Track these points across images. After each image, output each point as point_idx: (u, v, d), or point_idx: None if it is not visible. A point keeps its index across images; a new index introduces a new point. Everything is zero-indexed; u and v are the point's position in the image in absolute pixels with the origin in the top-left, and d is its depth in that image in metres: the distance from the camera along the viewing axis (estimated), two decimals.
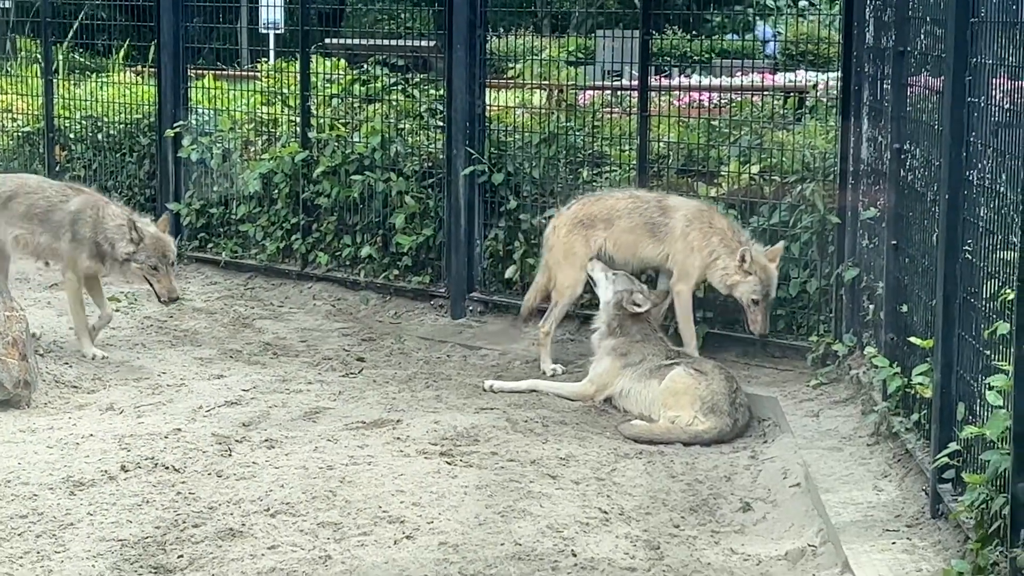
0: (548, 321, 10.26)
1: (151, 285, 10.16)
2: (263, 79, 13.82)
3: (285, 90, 13.24)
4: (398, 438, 8.46)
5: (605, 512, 7.47)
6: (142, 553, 6.70)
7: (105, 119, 14.45)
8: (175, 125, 13.44)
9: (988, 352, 5.93)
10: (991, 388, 5.65)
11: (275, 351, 10.83)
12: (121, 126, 14.30)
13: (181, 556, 6.66)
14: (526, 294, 10.69)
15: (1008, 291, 5.59)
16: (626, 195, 10.17)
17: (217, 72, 14.45)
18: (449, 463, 8.06)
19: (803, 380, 9.48)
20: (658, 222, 9.83)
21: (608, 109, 11.63)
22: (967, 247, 6.35)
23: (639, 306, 9.70)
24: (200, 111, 13.66)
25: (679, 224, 9.72)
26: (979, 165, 6.28)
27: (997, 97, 6.07)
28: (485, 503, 7.45)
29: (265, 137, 13.26)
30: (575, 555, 6.78)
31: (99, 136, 14.46)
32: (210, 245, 13.46)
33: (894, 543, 6.40)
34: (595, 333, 9.88)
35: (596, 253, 10.03)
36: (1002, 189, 5.88)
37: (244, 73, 15.00)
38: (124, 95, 14.40)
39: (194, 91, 13.74)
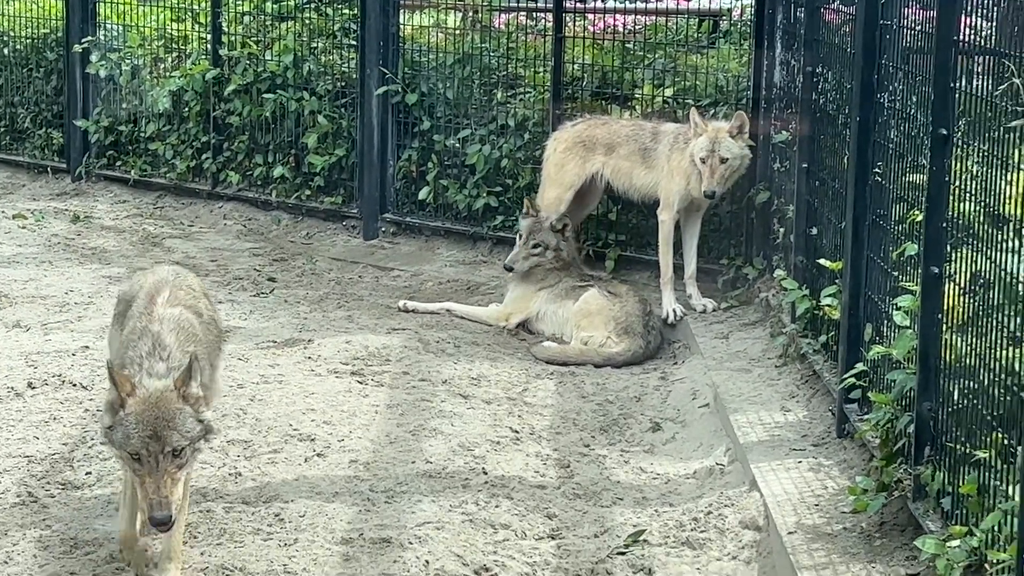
0: None
1: None
2: None
3: (196, 7, 13.03)
4: (309, 357, 8.44)
5: (516, 431, 7.50)
6: (49, 469, 6.64)
7: (11, 34, 14.16)
8: (83, 40, 13.20)
9: (896, 273, 5.99)
10: (898, 309, 5.72)
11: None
12: (28, 41, 14.03)
13: (89, 472, 6.62)
14: None
15: (916, 213, 5.65)
16: (631, 122, 9.99)
17: None
18: (360, 382, 8.05)
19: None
20: (649, 147, 9.62)
21: (523, 31, 11.56)
22: (877, 170, 6.40)
23: (555, 227, 9.63)
24: (109, 26, 13.43)
25: (664, 148, 9.54)
26: (890, 88, 6.32)
27: (908, 20, 6.10)
28: (396, 422, 7.46)
29: (175, 54, 13.07)
30: (486, 473, 6.82)
31: (5, 51, 14.17)
32: (119, 163, 13.27)
33: (800, 462, 6.48)
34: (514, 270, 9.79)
35: (591, 177, 9.90)
36: (912, 112, 5.93)
37: None
38: (31, 9, 14.11)
39: (103, 6, 13.49)
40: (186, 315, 5.63)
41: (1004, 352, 4.65)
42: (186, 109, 12.64)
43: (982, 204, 5.01)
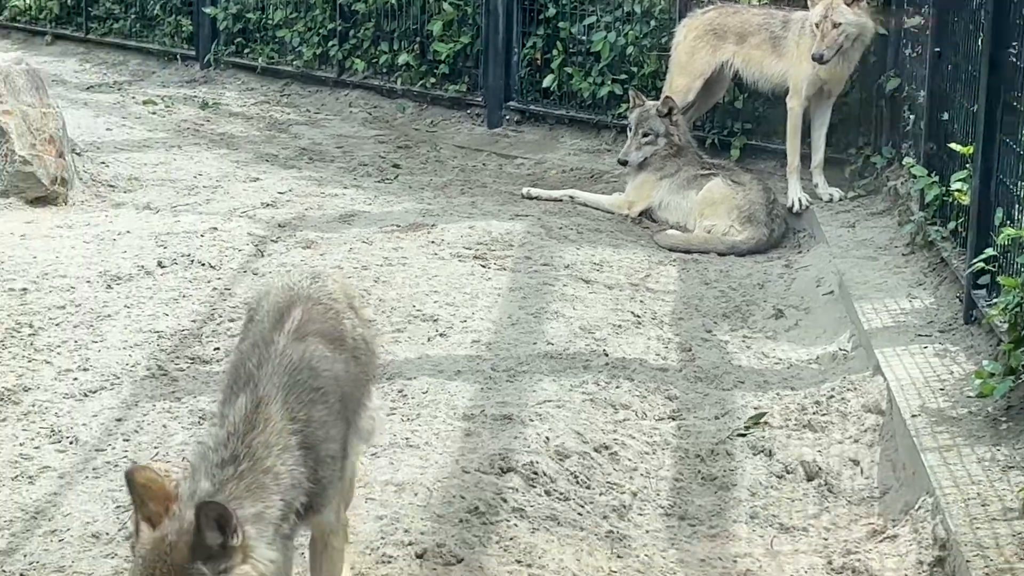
0: None
1: None
2: None
3: None
4: (432, 241, 8.48)
5: (638, 316, 7.50)
6: (178, 344, 6.77)
7: None
8: None
9: None
10: None
11: (311, 156, 10.82)
12: None
13: (217, 348, 6.72)
14: None
15: None
16: (762, 11, 9.85)
17: None
18: (483, 266, 8.08)
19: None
20: (779, 36, 9.49)
21: None
22: (1012, 51, 6.24)
23: (661, 112, 9.53)
24: None
25: (793, 35, 9.41)
26: None
27: None
28: (518, 304, 7.48)
29: None
30: (607, 355, 6.83)
31: None
32: (246, 50, 13.35)
33: (926, 347, 6.41)
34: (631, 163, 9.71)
35: (720, 66, 9.76)
36: None
37: None
38: None
39: None
40: (316, 351, 4.11)
41: None
42: None
43: None
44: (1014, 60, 6.20)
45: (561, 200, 9.70)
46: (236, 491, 3.71)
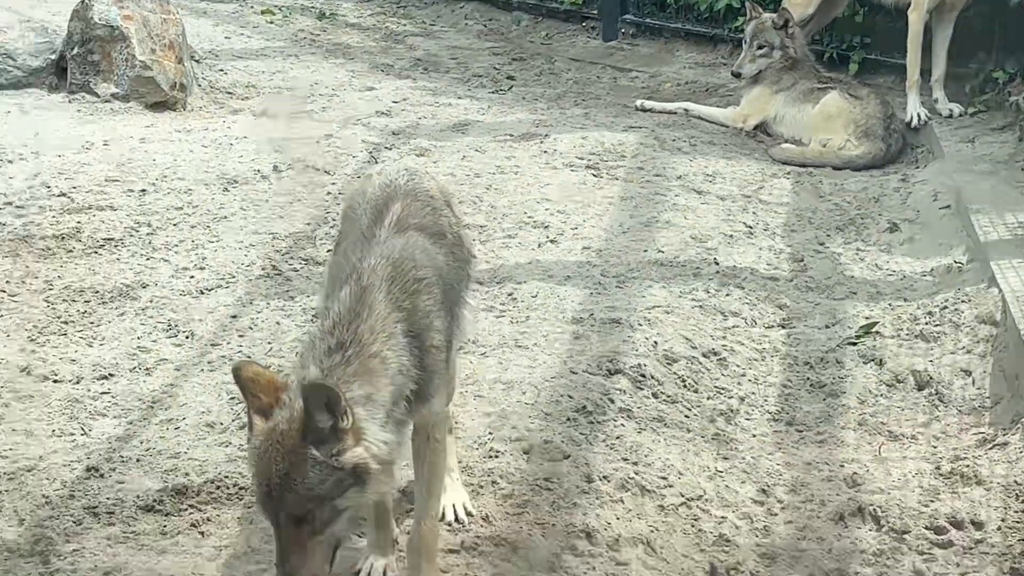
0: None
1: None
2: None
3: None
4: (545, 151, 8.48)
5: (749, 227, 7.46)
6: (293, 246, 6.86)
7: None
8: None
9: None
10: None
11: (425, 67, 10.84)
12: None
13: (330, 250, 6.78)
14: None
15: None
16: None
17: None
18: (595, 175, 8.08)
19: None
20: None
21: None
22: None
23: (776, 24, 9.42)
24: None
25: None
26: None
27: None
28: (630, 213, 7.48)
29: None
30: (717, 263, 6.82)
31: None
32: None
33: None
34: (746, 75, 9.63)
35: None
36: None
37: None
38: None
39: None
40: (417, 243, 4.13)
41: None
42: None
43: None
44: None
45: (675, 113, 9.64)
46: (344, 375, 3.75)
